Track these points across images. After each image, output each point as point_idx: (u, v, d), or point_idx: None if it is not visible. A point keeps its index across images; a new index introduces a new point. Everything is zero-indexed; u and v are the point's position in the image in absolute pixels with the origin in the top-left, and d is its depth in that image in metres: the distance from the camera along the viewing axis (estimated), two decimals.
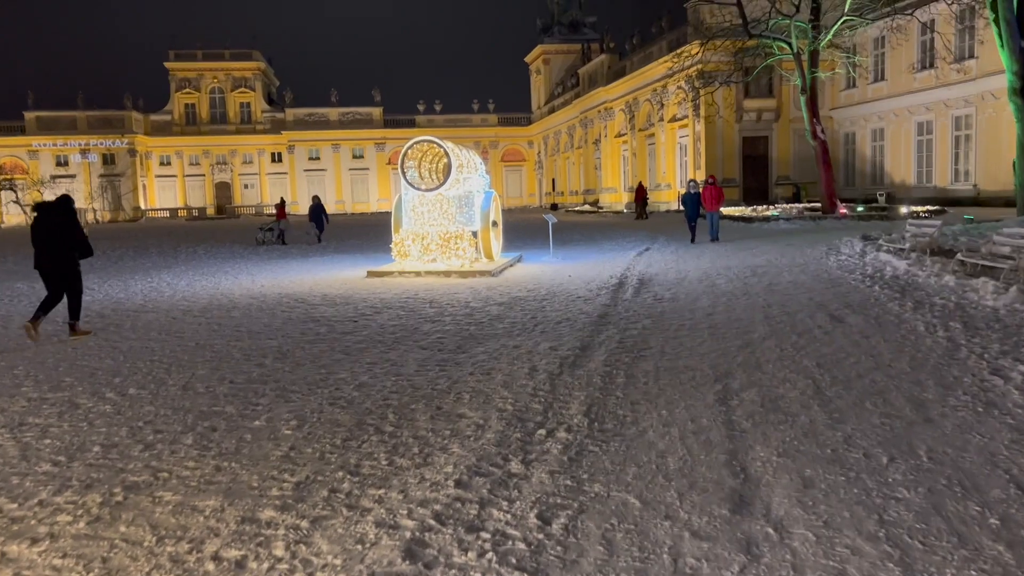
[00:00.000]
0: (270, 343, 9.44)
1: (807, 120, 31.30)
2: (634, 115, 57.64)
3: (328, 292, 14.39)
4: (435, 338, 9.35)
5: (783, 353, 7.64)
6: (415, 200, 17.43)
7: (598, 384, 6.71)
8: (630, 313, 10.58)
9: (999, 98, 35.19)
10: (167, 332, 10.49)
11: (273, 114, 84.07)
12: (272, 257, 23.38)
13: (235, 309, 12.56)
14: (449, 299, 12.92)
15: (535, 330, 9.57)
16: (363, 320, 10.97)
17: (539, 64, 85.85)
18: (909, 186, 41.03)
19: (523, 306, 11.76)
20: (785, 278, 13.54)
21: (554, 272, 16.64)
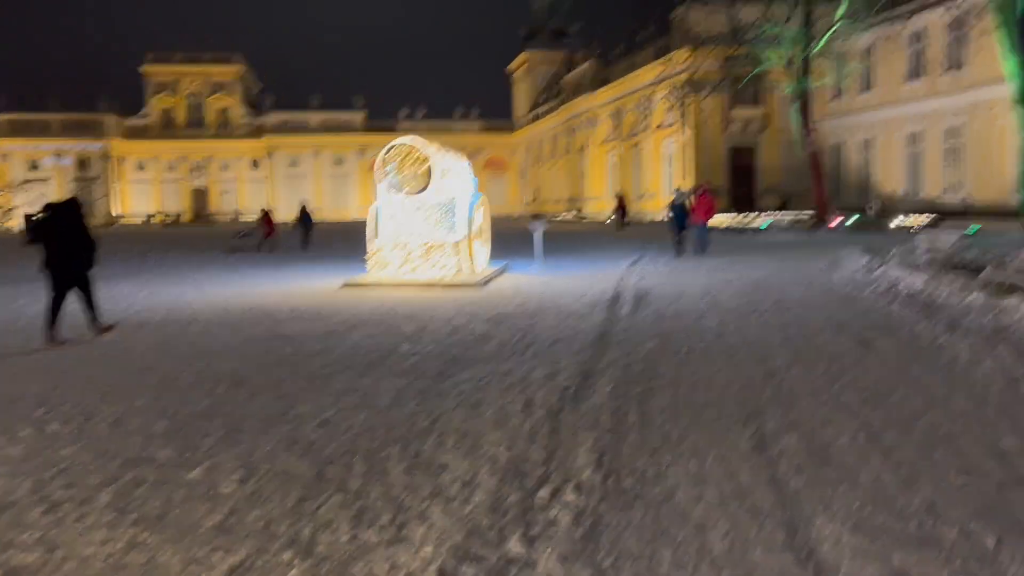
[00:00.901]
0: (226, 366, 8.31)
1: (799, 129, 30.54)
2: (619, 123, 56.91)
3: (298, 305, 13.27)
4: (414, 361, 8.27)
5: (816, 385, 6.63)
6: (395, 206, 16.34)
7: (607, 424, 5.66)
8: (631, 333, 9.54)
9: (991, 109, 34.65)
10: (112, 351, 9.34)
11: (252, 119, 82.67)
12: (244, 266, 22.18)
13: (194, 323, 11.41)
14: (430, 314, 11.83)
15: (527, 353, 8.51)
16: (334, 339, 9.87)
17: (523, 72, 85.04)
18: (899, 197, 40.39)
19: (512, 323, 10.70)
20: (792, 294, 12.58)
21: (543, 284, 15.61)
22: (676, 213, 20.72)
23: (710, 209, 20.56)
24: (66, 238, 10.01)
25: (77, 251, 10.08)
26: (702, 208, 20.61)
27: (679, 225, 20.69)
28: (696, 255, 20.23)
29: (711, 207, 20.65)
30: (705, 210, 20.51)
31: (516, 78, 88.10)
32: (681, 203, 20.68)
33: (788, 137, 47.69)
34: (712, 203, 20.77)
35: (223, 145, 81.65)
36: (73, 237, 10.05)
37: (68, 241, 10.01)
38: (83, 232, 10.15)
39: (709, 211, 20.53)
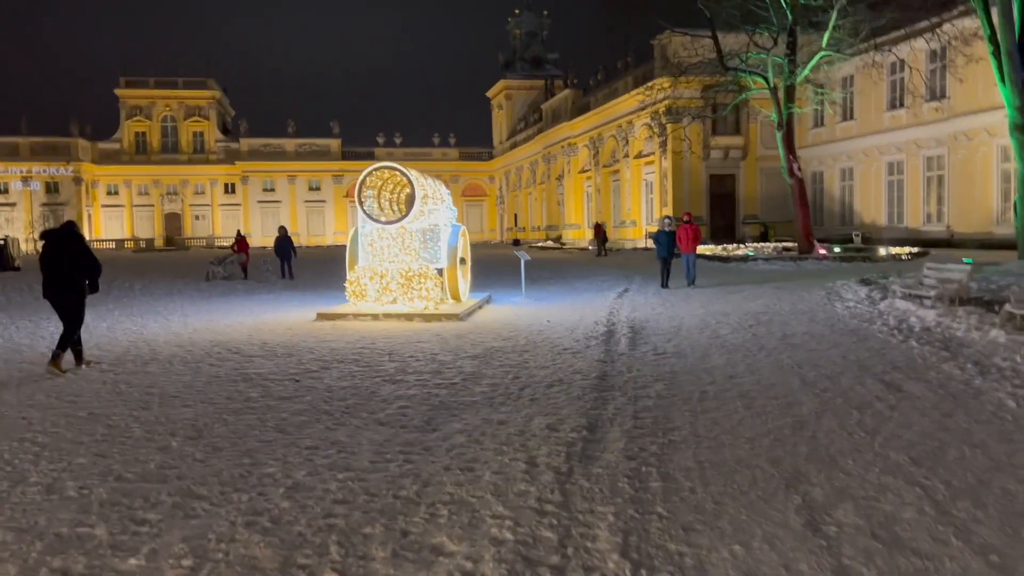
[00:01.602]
0: (184, 413, 7.40)
1: (783, 157, 30.14)
2: (598, 151, 56.57)
3: (269, 340, 12.35)
4: (397, 407, 7.41)
5: (855, 440, 5.86)
6: (373, 234, 15.50)
7: (627, 492, 4.83)
8: (634, 373, 8.75)
9: (972, 139, 34.58)
10: (59, 395, 8.37)
11: (227, 144, 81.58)
12: (214, 295, 21.16)
13: (153, 362, 10.46)
14: (412, 350, 10.98)
15: (522, 397, 7.68)
16: (307, 379, 8.98)
17: (501, 99, 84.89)
18: (880, 227, 40.20)
19: (501, 360, 9.87)
20: (797, 328, 11.87)
21: (529, 316, 14.81)
22: (662, 242, 19.88)
23: (696, 238, 19.83)
24: (62, 264, 9.74)
25: (73, 277, 9.80)
26: (688, 237, 19.78)
27: (666, 254, 19.85)
28: (688, 285, 19.48)
29: (696, 236, 19.91)
30: (691, 239, 19.74)
31: (494, 105, 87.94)
32: (667, 232, 19.86)
33: (768, 166, 47.60)
34: (697, 232, 20.01)
35: (197, 170, 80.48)
36: (69, 263, 9.76)
37: (64, 267, 9.75)
38: (80, 258, 9.84)
39: (695, 240, 19.77)
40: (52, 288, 9.83)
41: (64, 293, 9.81)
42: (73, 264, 9.80)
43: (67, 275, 9.79)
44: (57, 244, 9.83)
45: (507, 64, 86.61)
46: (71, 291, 9.83)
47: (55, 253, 9.79)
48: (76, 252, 9.83)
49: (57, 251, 9.79)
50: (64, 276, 9.78)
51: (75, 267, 9.81)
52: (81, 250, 9.91)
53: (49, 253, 9.82)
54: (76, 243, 9.91)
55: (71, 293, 9.84)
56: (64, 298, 9.84)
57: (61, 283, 9.78)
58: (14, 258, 36.98)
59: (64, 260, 9.75)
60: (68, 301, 9.86)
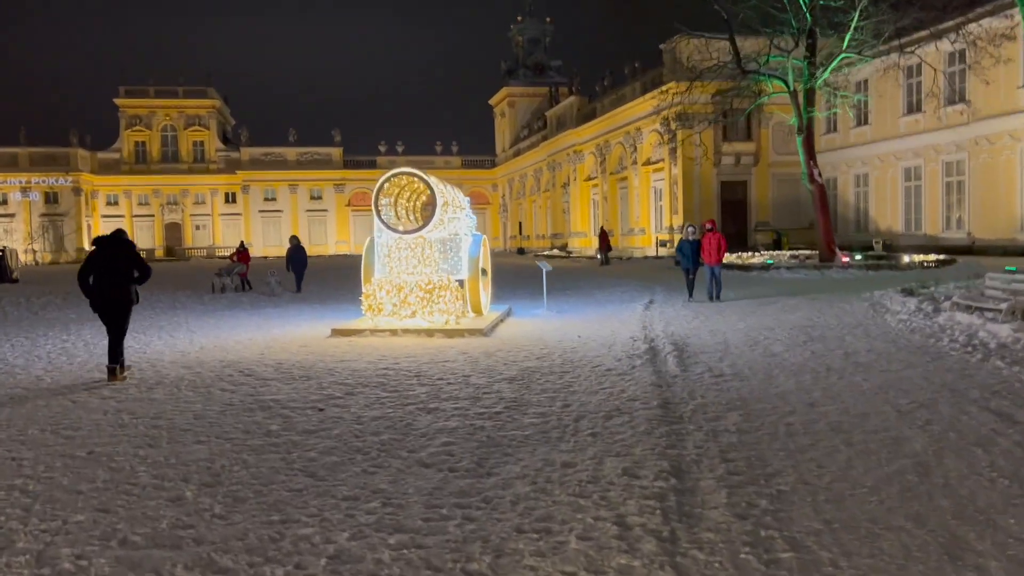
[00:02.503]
0: (197, 451, 6.47)
1: (803, 162, 29.28)
2: (605, 158, 55.72)
3: (283, 359, 11.42)
4: (440, 444, 6.49)
5: (1000, 489, 4.93)
6: (391, 244, 14.60)
7: (757, 569, 3.90)
8: (698, 399, 7.82)
9: (994, 143, 33.71)
10: (56, 428, 7.44)
11: (228, 153, 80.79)
12: (219, 308, 20.25)
13: (159, 387, 9.53)
14: (440, 371, 10.06)
15: (580, 430, 6.76)
16: (332, 407, 8.05)
17: (504, 107, 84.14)
18: (897, 233, 39.32)
19: (542, 384, 8.95)
20: (857, 345, 10.95)
21: (556, 331, 13.90)
22: (686, 252, 18.57)
23: (721, 248, 18.22)
24: (115, 272, 9.76)
25: (125, 285, 9.83)
26: (712, 247, 18.22)
27: (691, 265, 18.56)
28: (710, 299, 17.99)
29: (722, 246, 18.29)
30: (715, 249, 18.18)
31: (497, 113, 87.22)
32: (691, 242, 18.59)
33: (780, 172, 46.76)
34: (722, 241, 18.35)
35: (197, 179, 79.68)
36: (117, 270, 9.77)
37: (117, 275, 9.76)
38: (134, 262, 9.89)
39: (720, 250, 18.29)
40: (103, 296, 9.79)
41: (116, 301, 9.81)
42: (126, 271, 9.78)
43: (120, 283, 9.77)
44: (110, 251, 9.80)
45: (510, 71, 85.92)
46: (124, 299, 9.85)
47: (108, 260, 9.76)
48: (128, 259, 9.82)
49: (110, 258, 9.75)
50: (116, 284, 9.76)
51: (127, 274, 9.80)
52: (133, 256, 9.93)
53: (101, 260, 9.77)
54: (128, 249, 9.93)
55: (123, 301, 9.86)
56: (116, 306, 9.82)
57: (113, 291, 9.77)
58: (12, 270, 36.03)
59: (117, 267, 9.73)
60: (120, 309, 9.86)
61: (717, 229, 18.81)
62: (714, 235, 18.31)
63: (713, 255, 18.10)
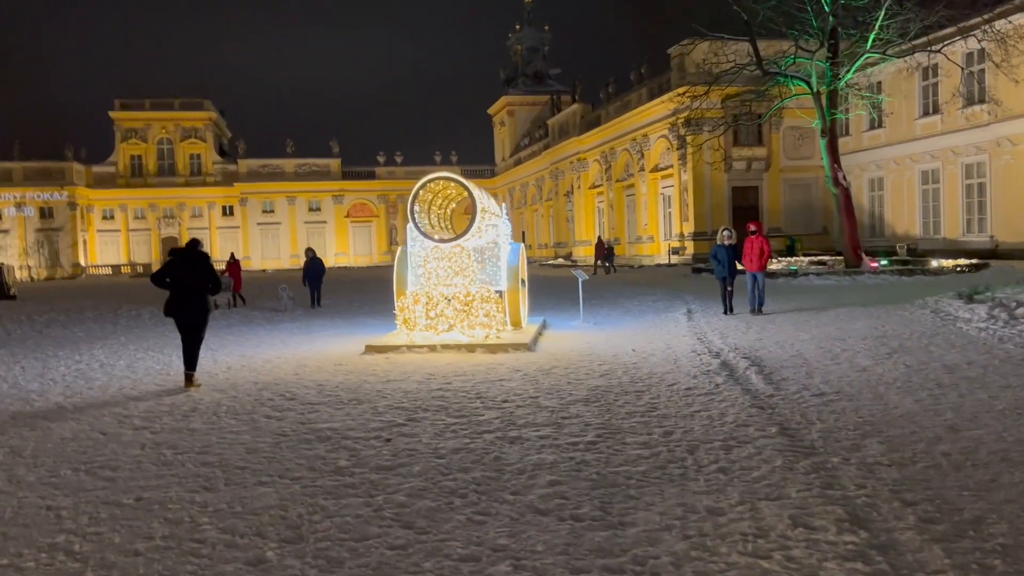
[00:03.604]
0: (264, 495, 5.56)
1: (828, 165, 28.52)
2: (610, 165, 54.99)
3: (323, 380, 10.50)
4: (545, 483, 5.58)
5: None
6: (426, 253, 13.70)
7: None
8: (816, 423, 6.93)
9: (1017, 144, 33.01)
10: (90, 466, 6.51)
11: (225, 165, 79.90)
12: (231, 323, 19.30)
13: (195, 414, 8.60)
14: (500, 391, 9.16)
15: (703, 464, 5.86)
16: (400, 436, 7.14)
17: (503, 115, 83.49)
18: (915, 238, 38.58)
19: (623, 406, 8.06)
20: (948, 357, 10.08)
21: (604, 344, 13.02)
22: (722, 259, 16.53)
23: (764, 254, 16.35)
24: (193, 282, 9.95)
25: (201, 294, 10.03)
26: (753, 252, 16.35)
27: (727, 274, 16.53)
28: (752, 311, 16.40)
29: (765, 251, 16.38)
30: (757, 255, 16.31)
31: (496, 122, 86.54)
32: (727, 247, 16.56)
33: (791, 177, 46.09)
34: (766, 245, 16.47)
35: (194, 192, 78.73)
36: (192, 282, 9.95)
37: (195, 285, 9.95)
38: (209, 274, 10.07)
39: (764, 256, 16.34)
40: (181, 306, 9.96)
41: (194, 311, 9.98)
42: (200, 283, 9.97)
43: (197, 292, 9.96)
44: (187, 262, 9.98)
45: (508, 80, 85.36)
46: (201, 308, 10.03)
47: (186, 271, 9.93)
48: (204, 270, 10.01)
49: (188, 269, 9.93)
50: (194, 293, 9.94)
51: (202, 286, 9.99)
52: (208, 268, 10.10)
53: (179, 271, 9.94)
54: (204, 261, 10.09)
55: (201, 310, 10.03)
56: (194, 315, 10.00)
57: (190, 300, 9.94)
58: (9, 286, 34.98)
59: (195, 278, 9.93)
60: (197, 318, 10.04)
61: (761, 232, 16.96)
62: (757, 238, 16.51)
63: (755, 261, 16.33)
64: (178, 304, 9.99)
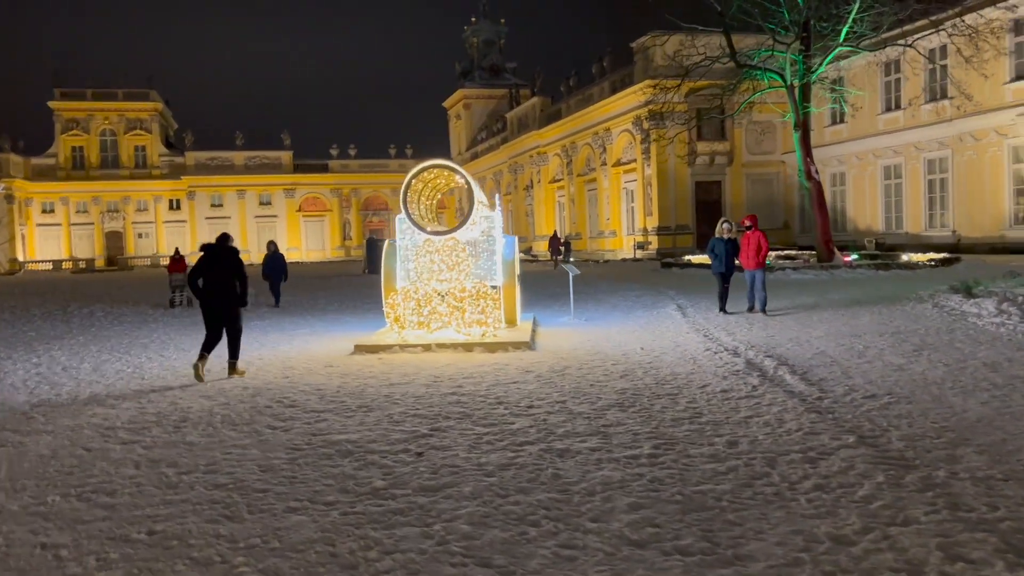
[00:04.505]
0: (301, 527, 4.76)
1: (800, 159, 28.31)
2: (571, 160, 54.54)
3: (319, 384, 9.65)
4: (625, 507, 4.89)
5: None
6: (417, 247, 12.89)
7: None
8: (891, 430, 6.36)
9: (980, 139, 33.37)
10: (81, 494, 5.61)
11: (172, 158, 77.49)
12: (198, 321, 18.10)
13: (187, 424, 7.70)
14: (521, 395, 8.45)
15: (794, 481, 5.23)
16: (431, 450, 6.38)
17: (459, 108, 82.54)
18: (877, 232, 38.86)
19: (662, 412, 7.42)
20: (980, 353, 9.66)
21: (606, 342, 12.40)
22: (721, 254, 15.50)
23: (762, 250, 15.36)
24: (217, 276, 10.08)
25: (233, 288, 10.13)
26: (751, 248, 15.36)
27: (726, 270, 15.53)
28: (749, 310, 15.45)
29: (763, 247, 15.40)
30: (755, 251, 15.32)
31: (452, 115, 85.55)
32: (726, 240, 15.58)
33: (754, 172, 46.16)
34: (764, 241, 15.45)
35: (140, 186, 76.22)
36: (223, 275, 10.09)
37: (219, 279, 10.07)
38: (240, 269, 10.19)
39: (762, 252, 15.35)
40: (214, 300, 10.08)
41: (227, 304, 10.10)
42: (228, 278, 10.05)
43: (229, 287, 10.06)
44: (218, 257, 10.12)
45: (464, 73, 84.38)
46: (233, 302, 10.12)
47: (217, 266, 10.09)
48: (234, 265, 10.12)
49: (219, 264, 10.08)
50: (226, 288, 10.06)
51: (229, 281, 10.06)
52: (238, 263, 10.22)
53: (211, 265, 10.09)
54: (234, 256, 10.23)
55: (233, 304, 10.14)
56: (227, 309, 10.11)
57: (222, 295, 10.07)
58: None
59: (219, 274, 10.05)
60: (231, 311, 10.14)
61: (757, 227, 15.79)
62: (754, 233, 15.44)
63: (753, 258, 15.31)
64: (208, 299, 10.09)
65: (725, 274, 15.67)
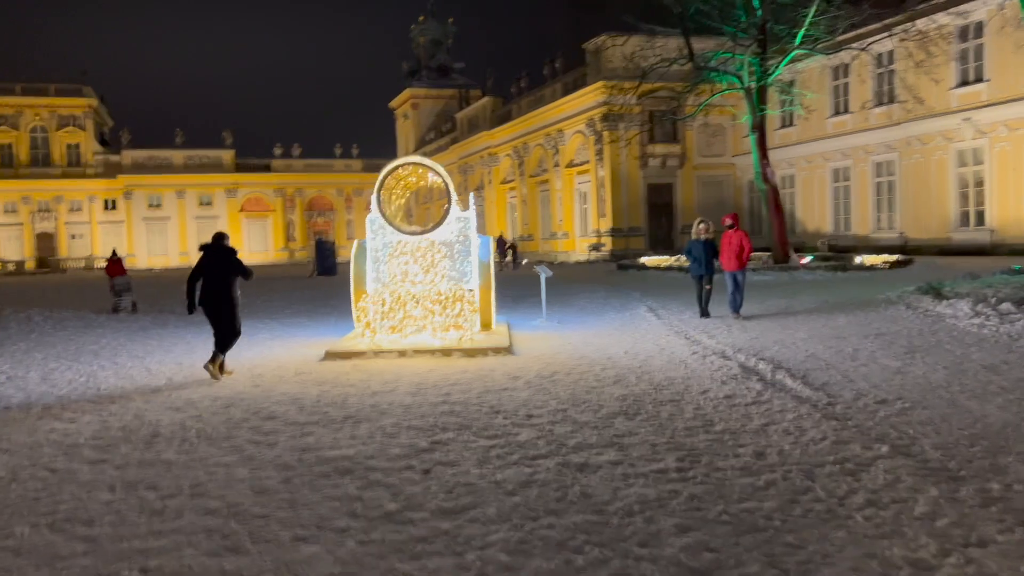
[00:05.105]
0: (313, 558, 4.24)
1: (756, 161, 28.48)
2: (523, 160, 54.28)
3: (297, 393, 9.05)
4: (670, 528, 4.50)
5: None
6: (390, 248, 12.34)
7: None
8: (921, 439, 6.10)
9: (927, 143, 34.07)
10: (53, 523, 4.99)
11: (107, 156, 74.80)
12: (148, 327, 17.28)
13: (159, 440, 7.06)
14: (515, 403, 8.01)
15: (844, 495, 4.90)
16: (438, 466, 5.90)
17: (406, 108, 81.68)
18: (826, 234, 39.42)
19: (672, 421, 7.07)
20: (975, 355, 9.55)
21: (584, 345, 12.05)
22: (698, 256, 14.87)
23: (744, 250, 14.56)
24: (222, 275, 10.15)
25: (228, 286, 10.17)
26: (731, 249, 14.55)
27: (705, 272, 14.84)
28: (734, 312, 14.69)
29: (745, 247, 14.56)
30: (736, 252, 14.54)
31: (399, 115, 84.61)
32: (703, 242, 14.88)
33: (704, 175, 46.50)
34: (746, 241, 14.62)
35: (73, 185, 73.32)
36: (222, 274, 10.15)
37: (217, 278, 10.12)
38: (237, 266, 10.25)
39: (743, 252, 14.57)
40: (211, 298, 10.10)
41: (223, 303, 10.13)
42: (224, 276, 10.11)
43: (226, 285, 10.12)
44: (216, 256, 10.18)
45: (412, 73, 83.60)
46: (229, 300, 10.15)
47: (214, 264, 10.14)
48: (232, 263, 10.18)
49: (216, 262, 10.14)
50: (223, 286, 10.10)
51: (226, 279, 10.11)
52: (236, 260, 10.26)
53: (209, 264, 10.15)
54: (232, 254, 10.27)
55: (229, 302, 10.16)
56: (223, 307, 10.13)
57: (220, 293, 10.08)
58: None
59: (222, 271, 10.11)
60: (226, 310, 10.15)
61: (739, 225, 14.99)
62: (736, 233, 14.60)
63: (734, 259, 14.47)
64: (206, 297, 10.13)
65: (704, 276, 14.97)
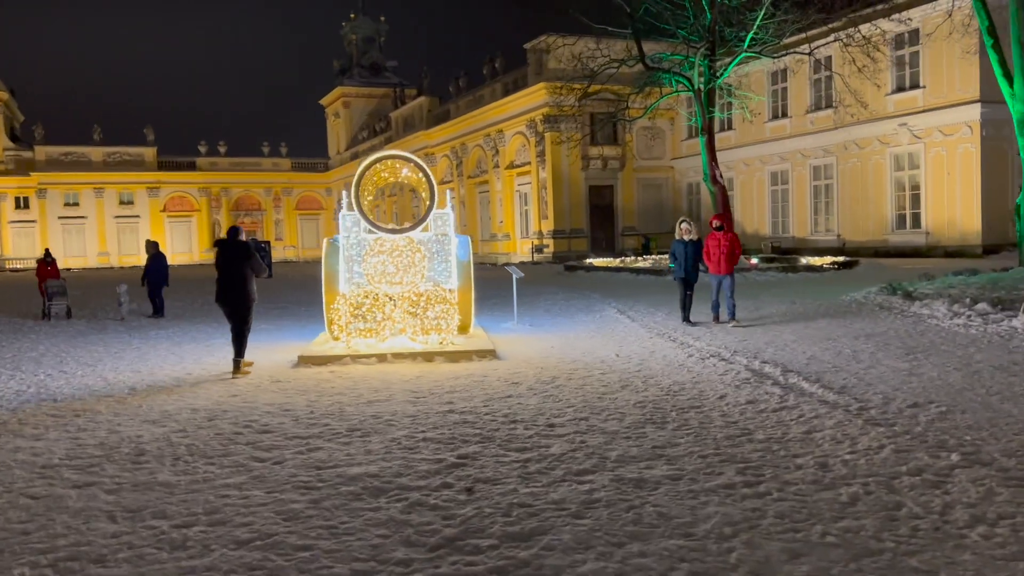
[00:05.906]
0: None
1: (705, 163, 28.57)
2: (461, 161, 53.69)
3: (283, 403, 8.33)
4: (779, 553, 4.08)
5: None
6: (367, 246, 11.65)
7: None
8: (980, 448, 5.84)
9: (864, 148, 34.87)
10: (51, 557, 4.25)
11: (18, 152, 71.07)
12: (84, 331, 16.12)
13: (147, 457, 6.31)
14: (529, 411, 7.51)
15: (941, 511, 4.57)
16: (480, 484, 5.36)
17: (338, 107, 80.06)
18: (765, 236, 40.00)
19: (706, 427, 6.69)
20: (977, 357, 9.46)
21: (570, 348, 11.64)
22: (682, 258, 13.81)
23: (732, 252, 13.62)
24: (234, 270, 10.04)
25: (242, 282, 10.06)
26: (720, 251, 13.55)
27: (690, 275, 13.90)
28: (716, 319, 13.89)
29: (734, 249, 13.66)
30: (725, 254, 13.54)
31: (330, 113, 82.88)
32: (686, 242, 13.82)
33: (644, 177, 46.74)
34: (735, 242, 13.75)
35: None
36: (233, 269, 10.05)
37: (232, 274, 10.04)
38: (251, 260, 10.12)
39: (732, 255, 13.64)
40: (226, 294, 10.07)
41: (238, 299, 10.03)
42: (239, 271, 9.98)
43: (241, 281, 9.98)
44: (230, 252, 10.10)
45: (344, 71, 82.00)
46: (245, 296, 10.05)
47: (228, 260, 10.05)
48: (247, 258, 10.03)
49: (231, 258, 10.05)
50: (238, 282, 9.97)
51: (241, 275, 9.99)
52: (250, 255, 10.11)
53: (224, 260, 10.08)
54: (246, 249, 10.16)
55: (244, 298, 10.06)
56: (237, 303, 10.06)
57: (235, 289, 10.00)
58: None
59: (237, 267, 10.00)
60: (241, 306, 10.07)
61: (727, 228, 14.13)
62: (725, 235, 13.65)
63: (723, 262, 13.53)
64: (221, 293, 10.09)
65: (687, 280, 14.04)
